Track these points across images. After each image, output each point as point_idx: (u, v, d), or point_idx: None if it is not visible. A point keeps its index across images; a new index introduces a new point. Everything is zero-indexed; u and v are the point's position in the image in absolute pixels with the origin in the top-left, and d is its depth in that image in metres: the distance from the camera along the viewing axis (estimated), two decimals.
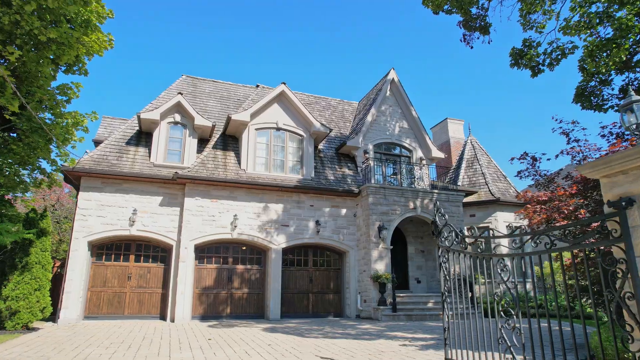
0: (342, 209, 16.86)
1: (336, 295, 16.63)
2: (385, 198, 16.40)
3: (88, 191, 14.14)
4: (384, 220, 16.01)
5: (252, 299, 15.47)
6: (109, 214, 14.19)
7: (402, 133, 19.52)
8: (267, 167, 16.56)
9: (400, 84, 19.79)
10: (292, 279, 16.14)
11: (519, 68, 10.77)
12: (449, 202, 17.49)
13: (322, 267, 16.78)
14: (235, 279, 15.40)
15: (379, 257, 15.56)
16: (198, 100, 19.35)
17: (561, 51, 10.02)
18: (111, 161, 14.80)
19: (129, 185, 14.58)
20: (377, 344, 8.92)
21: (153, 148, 15.56)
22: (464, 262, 5.64)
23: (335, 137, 19.55)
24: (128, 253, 14.74)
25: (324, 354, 7.57)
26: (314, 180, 16.80)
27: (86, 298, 13.88)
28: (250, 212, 15.49)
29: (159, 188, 14.93)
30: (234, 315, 14.97)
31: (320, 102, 22.56)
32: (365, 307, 15.44)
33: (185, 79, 20.45)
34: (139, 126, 16.05)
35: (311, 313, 15.98)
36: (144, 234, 14.46)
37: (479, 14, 11.26)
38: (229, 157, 16.45)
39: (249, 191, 15.64)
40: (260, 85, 21.05)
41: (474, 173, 22.07)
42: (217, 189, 15.24)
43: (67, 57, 9.50)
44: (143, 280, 14.68)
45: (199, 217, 14.83)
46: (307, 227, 16.16)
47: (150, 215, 14.62)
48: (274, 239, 15.58)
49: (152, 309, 14.53)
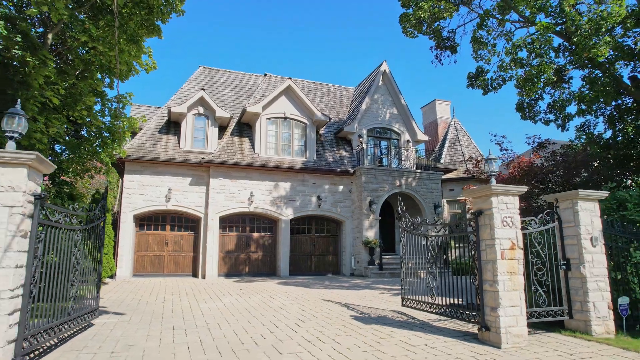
0: (339, 186, 20.10)
1: (334, 257, 20.15)
2: (375, 177, 19.61)
3: (131, 174, 17.33)
4: (374, 196, 19.29)
5: (266, 260, 18.98)
6: (148, 192, 17.42)
7: (392, 119, 22.45)
8: (276, 151, 19.67)
9: (391, 75, 22.53)
10: (298, 244, 19.59)
11: (473, 88, 13.69)
12: (429, 179, 20.72)
13: (322, 234, 20.20)
14: (251, 244, 18.86)
15: (370, 226, 18.95)
16: (215, 90, 22.18)
17: (502, 79, 12.93)
18: (148, 148, 17.90)
19: (164, 168, 17.75)
20: (363, 292, 12.38)
21: (182, 136, 18.61)
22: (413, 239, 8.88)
23: (334, 122, 22.50)
24: (165, 224, 18.11)
25: (325, 297, 11.01)
26: (316, 162, 19.94)
27: (134, 260, 17.33)
28: (264, 190, 18.74)
29: (188, 170, 18.11)
30: (251, 273, 18.50)
31: (321, 88, 25.35)
32: (358, 267, 18.97)
33: (202, 70, 23.18)
34: (168, 117, 19.03)
35: (314, 271, 19.53)
36: (177, 208, 17.76)
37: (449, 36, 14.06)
38: (244, 143, 19.53)
39: (262, 172, 18.83)
40: (268, 74, 23.79)
41: (455, 152, 25.18)
42: (236, 170, 18.42)
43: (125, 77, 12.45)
44: (177, 246, 18.12)
45: (222, 194, 18.09)
46: (310, 202, 19.46)
47: (182, 193, 17.87)
48: (283, 212, 18.90)
49: (186, 269, 18.05)
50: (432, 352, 5.79)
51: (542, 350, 5.94)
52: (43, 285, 5.15)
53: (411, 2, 13.04)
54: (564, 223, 7.41)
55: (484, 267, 6.51)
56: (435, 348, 6.03)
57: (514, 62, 11.91)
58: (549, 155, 13.10)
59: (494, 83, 13.01)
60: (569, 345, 6.26)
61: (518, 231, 6.53)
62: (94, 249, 7.12)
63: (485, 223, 6.57)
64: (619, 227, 7.72)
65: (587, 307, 6.88)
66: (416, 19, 12.91)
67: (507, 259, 6.35)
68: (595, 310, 6.87)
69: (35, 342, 4.92)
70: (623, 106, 14.48)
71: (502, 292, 6.21)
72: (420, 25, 13.21)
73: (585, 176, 12.67)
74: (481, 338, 6.49)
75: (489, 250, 6.44)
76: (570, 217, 7.31)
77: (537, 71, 11.12)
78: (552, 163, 12.61)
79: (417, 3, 12.96)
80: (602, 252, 7.18)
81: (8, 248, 4.27)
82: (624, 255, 7.65)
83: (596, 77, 13.11)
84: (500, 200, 6.50)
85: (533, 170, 12.24)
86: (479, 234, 6.63)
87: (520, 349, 6.00)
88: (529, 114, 13.24)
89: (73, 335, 6.43)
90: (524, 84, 11.71)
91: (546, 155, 13.32)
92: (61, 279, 5.69)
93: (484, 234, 6.57)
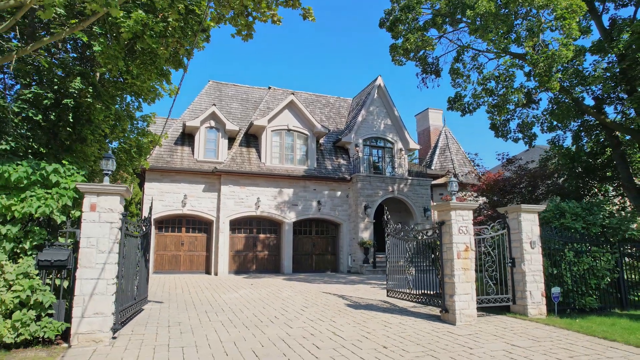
0: (337, 192, 22.16)
1: (333, 256, 22.23)
2: (370, 184, 21.68)
3: (151, 182, 19.38)
4: (368, 200, 21.36)
5: (271, 259, 21.06)
6: (166, 198, 19.47)
7: (386, 129, 24.48)
8: (280, 160, 21.72)
9: (385, 89, 24.57)
10: (300, 244, 21.65)
11: (453, 110, 15.75)
12: (419, 185, 22.79)
13: (322, 235, 22.27)
14: (258, 244, 20.92)
15: (365, 228, 21.02)
16: (224, 103, 24.22)
17: (476, 104, 15.00)
18: (166, 159, 19.95)
19: (180, 176, 19.81)
20: (357, 286, 14.45)
21: (195, 147, 20.67)
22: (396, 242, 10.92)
23: (333, 132, 24.54)
24: (180, 226, 20.18)
25: (324, 291, 13.09)
26: (316, 170, 21.99)
27: (154, 259, 19.39)
28: (269, 195, 20.80)
29: (201, 178, 20.17)
30: (258, 270, 20.57)
31: (321, 100, 27.40)
32: (354, 265, 21.04)
33: (212, 84, 25.23)
34: (183, 130, 21.08)
35: (314, 269, 21.60)
36: (192, 212, 19.82)
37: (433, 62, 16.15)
38: (251, 153, 21.59)
39: (268, 179, 20.88)
40: (272, 87, 25.84)
41: (445, 159, 27.24)
42: (244, 178, 20.47)
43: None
44: (192, 246, 20.19)
45: (232, 200, 20.15)
46: (311, 206, 21.52)
47: (196, 198, 19.93)
48: (286, 215, 20.96)
49: (200, 266, 20.12)
50: (403, 327, 7.85)
51: (485, 326, 8.00)
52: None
53: (400, 34, 15.08)
54: (511, 230, 9.47)
55: (445, 264, 8.57)
56: (406, 325, 8.10)
57: (484, 91, 13.98)
58: (516, 169, 15.19)
59: (470, 107, 15.06)
60: (507, 323, 8.33)
61: (471, 237, 8.59)
62: (145, 251, 9.18)
63: (446, 231, 8.62)
64: (556, 232, 9.79)
65: (525, 295, 8.95)
66: (404, 49, 14.94)
67: (462, 259, 8.41)
68: (531, 297, 8.94)
69: (120, 317, 6.98)
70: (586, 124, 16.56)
71: (457, 284, 8.26)
72: (408, 53, 15.24)
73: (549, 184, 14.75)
74: (443, 318, 8.55)
75: (448, 251, 8.50)
76: (515, 226, 9.38)
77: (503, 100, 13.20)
78: (516, 177, 14.72)
79: (405, 35, 15.01)
80: (539, 252, 9.25)
81: (110, 251, 6.32)
82: (560, 255, 9.73)
83: (559, 100, 15.22)
84: (457, 214, 8.55)
85: (498, 184, 14.36)
86: (442, 239, 8.69)
87: (470, 325, 8.05)
88: (501, 132, 15.33)
89: (133, 315, 8.49)
90: (493, 110, 13.80)
91: (514, 169, 15.41)
92: (129, 273, 7.75)
93: (445, 239, 8.63)
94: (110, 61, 8.49)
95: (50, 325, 5.89)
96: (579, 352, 6.29)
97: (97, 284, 6.22)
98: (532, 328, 7.89)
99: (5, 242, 5.92)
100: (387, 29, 15.28)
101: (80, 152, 10.30)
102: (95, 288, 6.19)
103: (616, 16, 15.57)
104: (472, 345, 6.61)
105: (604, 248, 10.02)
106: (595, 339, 7.08)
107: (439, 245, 8.82)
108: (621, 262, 10.12)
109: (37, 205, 5.99)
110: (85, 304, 6.12)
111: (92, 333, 6.11)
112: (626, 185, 15.32)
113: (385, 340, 6.80)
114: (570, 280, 9.55)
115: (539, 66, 11.82)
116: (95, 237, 6.27)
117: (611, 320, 8.66)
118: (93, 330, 6.13)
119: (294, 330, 7.53)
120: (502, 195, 14.92)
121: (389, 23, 15.23)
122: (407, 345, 6.52)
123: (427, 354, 6.09)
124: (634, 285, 10.45)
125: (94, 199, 6.36)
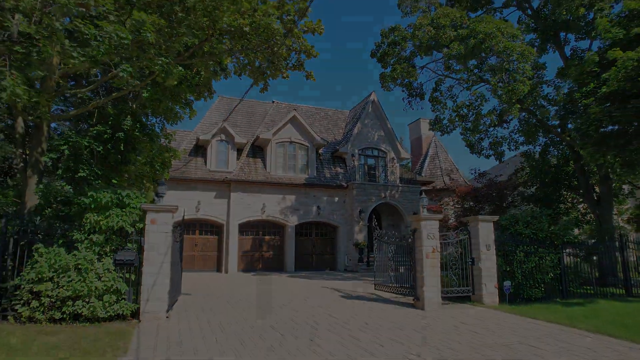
0: (335, 198, 24.52)
1: (331, 256, 24.60)
2: (364, 190, 24.04)
3: (169, 189, 21.70)
4: (363, 206, 23.72)
5: (275, 258, 23.42)
6: (183, 204, 21.78)
7: (380, 140, 26.83)
8: (284, 169, 24.08)
9: (379, 103, 26.93)
10: (301, 245, 24.01)
11: (434, 130, 18.16)
12: (409, 192, 25.14)
13: (321, 237, 24.65)
14: (264, 245, 23.29)
15: (359, 231, 23.38)
16: (231, 117, 26.57)
17: (453, 126, 17.38)
18: (182, 169, 22.30)
19: (195, 184, 22.16)
20: (352, 282, 16.83)
21: (207, 158, 23.02)
22: (381, 245, 13.26)
23: (331, 143, 26.89)
24: (195, 229, 22.55)
25: (323, 285, 15.46)
26: (316, 178, 24.34)
27: None
28: (274, 201, 23.15)
29: (213, 186, 22.51)
30: (264, 269, 22.92)
31: (320, 112, 29.77)
32: (350, 264, 23.40)
33: (221, 99, 27.61)
34: (196, 142, 23.44)
35: (314, 268, 23.96)
36: (204, 217, 22.17)
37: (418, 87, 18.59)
38: (258, 163, 23.94)
39: (273, 187, 23.23)
40: (276, 101, 28.21)
41: (434, 166, 29.61)
42: (252, 186, 22.82)
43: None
44: (205, 247, 22.55)
45: (240, 205, 22.50)
46: (311, 210, 23.87)
47: (208, 204, 22.28)
48: (289, 219, 23.31)
49: (211, 265, 22.48)
50: (383, 311, 10.21)
51: (447, 311, 10.36)
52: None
53: (388, 64, 17.48)
54: (472, 235, 11.83)
55: (417, 262, 10.93)
56: (386, 310, 10.46)
57: (458, 117, 16.38)
58: (487, 182, 17.58)
59: (448, 129, 17.46)
60: (466, 309, 10.69)
61: (437, 242, 10.94)
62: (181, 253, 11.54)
63: (418, 237, 10.97)
64: (510, 236, 12.16)
65: (481, 287, 11.32)
66: (391, 78, 17.31)
67: (430, 258, 10.76)
68: (486, 289, 11.30)
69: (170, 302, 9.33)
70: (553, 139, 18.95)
71: (426, 277, 10.61)
72: (395, 80, 17.61)
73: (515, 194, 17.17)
74: (415, 305, 10.90)
75: (419, 253, 10.85)
76: (475, 232, 11.74)
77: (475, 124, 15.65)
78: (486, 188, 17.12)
79: (393, 65, 17.40)
80: (493, 253, 11.61)
81: (166, 254, 8.68)
82: (513, 255, 12.08)
83: (527, 119, 17.62)
84: (426, 223, 10.90)
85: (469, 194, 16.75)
86: (415, 243, 11.05)
87: (435, 311, 10.41)
88: (476, 150, 17.74)
89: (172, 304, 10.84)
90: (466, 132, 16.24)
91: (485, 182, 17.80)
92: (174, 269, 10.10)
93: (417, 243, 10.98)
94: (154, 104, 10.86)
95: (126, 306, 8.25)
96: (507, 324, 8.66)
97: (157, 277, 8.57)
98: (483, 312, 10.25)
99: (95, 246, 8.28)
100: (378, 59, 17.68)
101: (124, 172, 12.72)
102: (156, 280, 8.55)
103: (576, 47, 17.98)
104: (432, 322, 8.98)
105: (549, 249, 12.37)
106: (525, 318, 9.45)
107: (412, 247, 11.17)
108: (562, 260, 12.49)
109: (116, 220, 8.34)
110: (149, 292, 8.48)
111: (154, 312, 8.47)
112: (585, 195, 17.71)
113: (368, 320, 9.16)
114: (521, 275, 11.91)
115: (502, 98, 14.20)
116: (156, 243, 8.63)
117: (548, 306, 11.04)
118: (155, 310, 8.49)
119: (299, 313, 9.88)
120: (477, 203, 17.30)
121: (379, 54, 17.64)
122: (383, 323, 8.88)
123: (397, 327, 8.45)
124: (572, 280, 12.82)
125: (154, 215, 8.72)
